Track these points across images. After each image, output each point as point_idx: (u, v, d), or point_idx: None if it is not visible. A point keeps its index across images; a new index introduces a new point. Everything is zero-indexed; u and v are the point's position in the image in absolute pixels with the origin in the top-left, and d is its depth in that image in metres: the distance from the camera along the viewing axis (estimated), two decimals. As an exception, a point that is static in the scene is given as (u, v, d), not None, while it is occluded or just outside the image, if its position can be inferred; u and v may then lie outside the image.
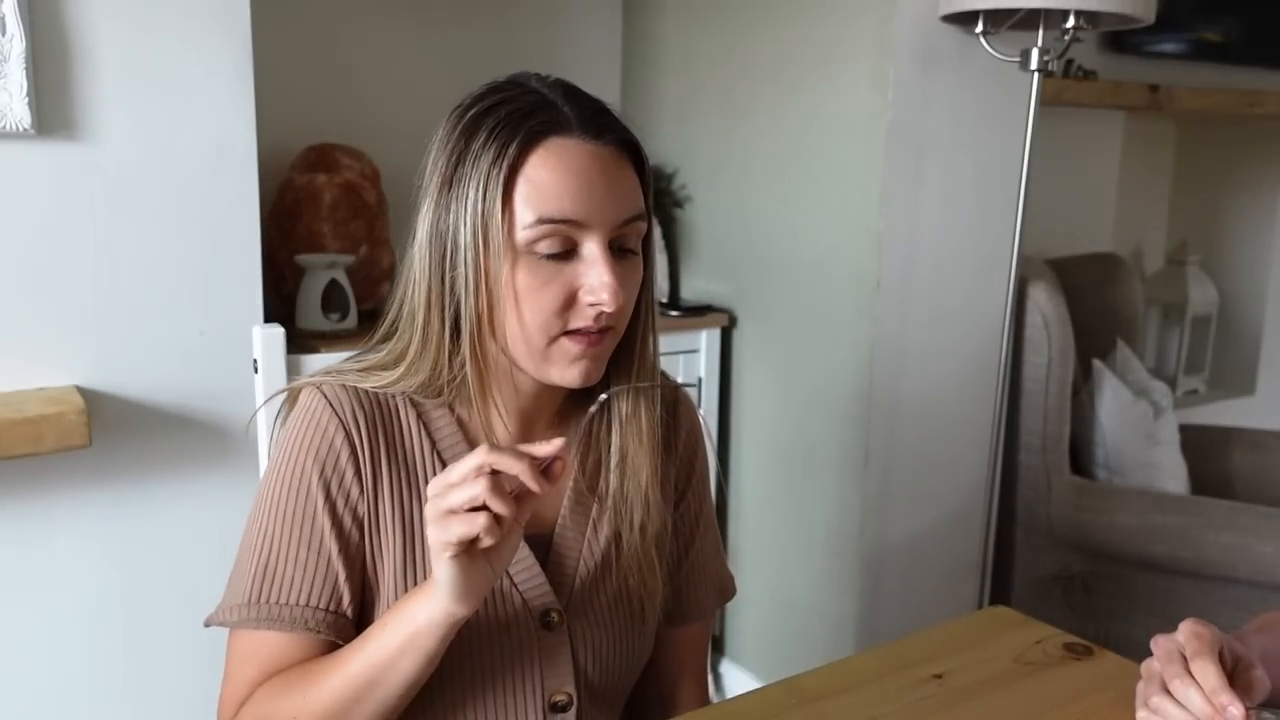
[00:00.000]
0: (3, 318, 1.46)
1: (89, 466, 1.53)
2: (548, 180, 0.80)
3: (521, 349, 0.84)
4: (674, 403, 1.01)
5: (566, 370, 0.85)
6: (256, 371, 1.64)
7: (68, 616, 1.57)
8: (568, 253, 0.82)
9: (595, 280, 0.82)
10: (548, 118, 0.82)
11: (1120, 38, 2.59)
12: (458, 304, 0.83)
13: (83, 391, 1.49)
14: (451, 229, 0.82)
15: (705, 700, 1.08)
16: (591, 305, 0.82)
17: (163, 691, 1.65)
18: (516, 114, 0.81)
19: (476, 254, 0.81)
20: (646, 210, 0.87)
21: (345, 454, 0.86)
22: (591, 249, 0.82)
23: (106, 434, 1.53)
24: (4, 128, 1.40)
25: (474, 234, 0.81)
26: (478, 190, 0.80)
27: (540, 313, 0.82)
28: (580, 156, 0.82)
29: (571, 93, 0.85)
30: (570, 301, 0.82)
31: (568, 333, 0.83)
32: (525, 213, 0.80)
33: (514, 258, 0.81)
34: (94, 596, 1.58)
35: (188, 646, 1.62)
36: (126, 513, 1.58)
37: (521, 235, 0.81)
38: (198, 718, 1.65)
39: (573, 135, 0.82)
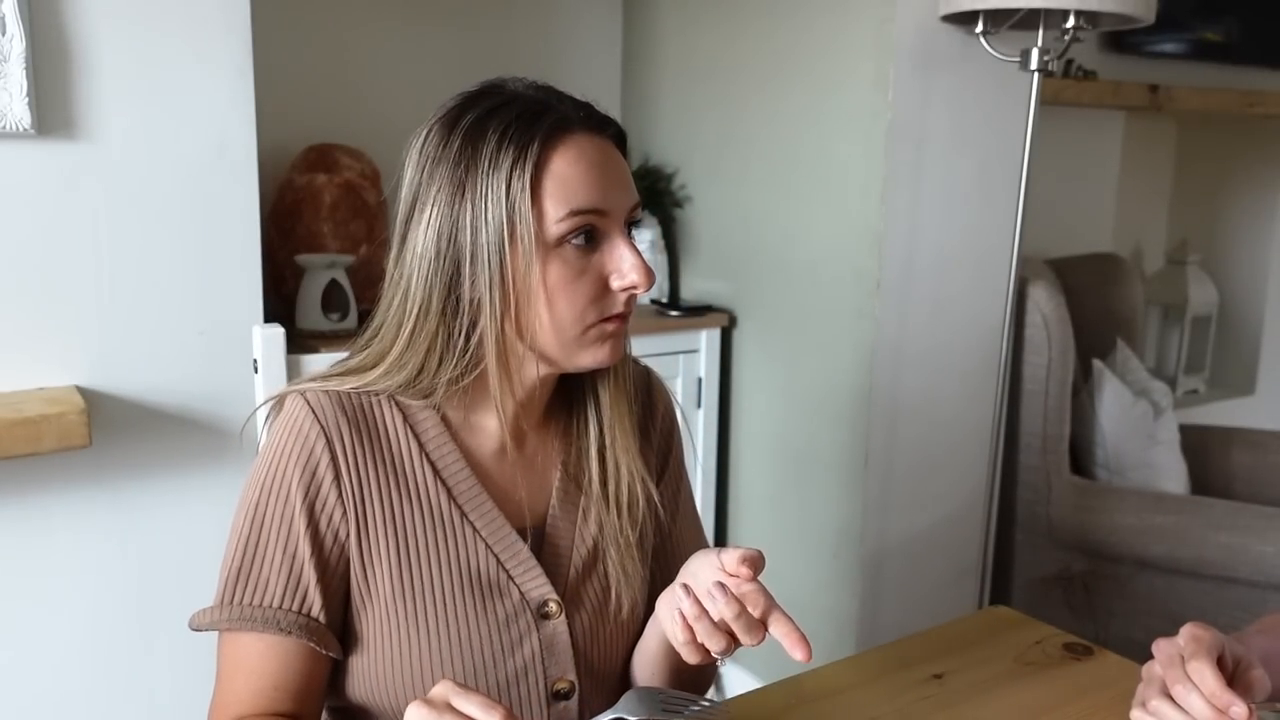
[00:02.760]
0: (3, 318, 1.46)
1: (89, 466, 1.53)
2: (572, 174, 0.84)
3: (551, 341, 0.87)
4: (647, 388, 1.05)
5: (599, 352, 0.88)
6: (256, 371, 1.64)
7: (67, 616, 1.57)
8: (594, 242, 0.86)
9: (626, 264, 0.86)
10: (557, 116, 0.85)
11: (1120, 38, 2.59)
12: (476, 307, 0.85)
13: (83, 391, 1.49)
14: (469, 233, 0.83)
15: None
16: (624, 289, 0.86)
17: (162, 691, 1.65)
18: (525, 115, 0.84)
19: (501, 254, 0.83)
20: None
21: (325, 461, 0.87)
22: (614, 235, 0.86)
23: (106, 434, 1.53)
24: (4, 128, 1.40)
25: (499, 234, 0.83)
26: (501, 191, 0.82)
27: (576, 304, 0.85)
28: (592, 149, 0.86)
29: (559, 92, 0.88)
30: (603, 289, 0.86)
31: (602, 319, 0.87)
32: (555, 208, 0.83)
33: (545, 254, 0.84)
34: (94, 596, 1.58)
35: (187, 646, 1.61)
36: (126, 513, 1.58)
37: (554, 229, 0.83)
38: (196, 718, 1.65)
39: (581, 131, 0.85)
